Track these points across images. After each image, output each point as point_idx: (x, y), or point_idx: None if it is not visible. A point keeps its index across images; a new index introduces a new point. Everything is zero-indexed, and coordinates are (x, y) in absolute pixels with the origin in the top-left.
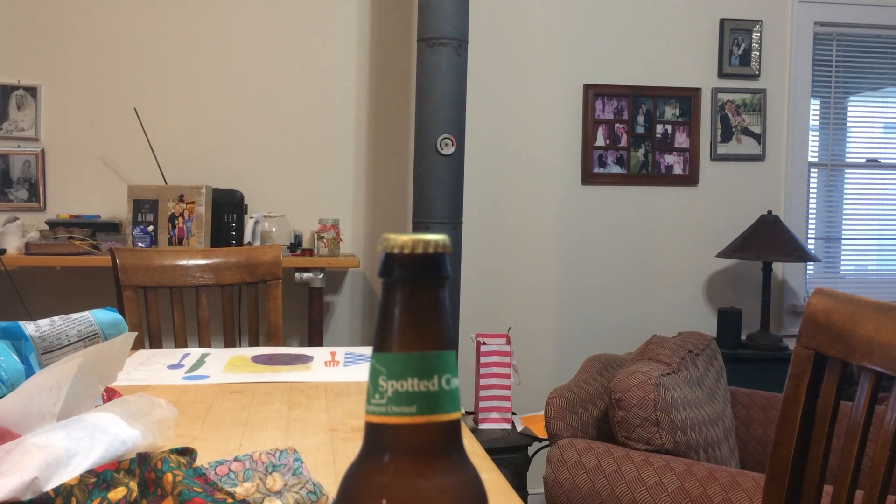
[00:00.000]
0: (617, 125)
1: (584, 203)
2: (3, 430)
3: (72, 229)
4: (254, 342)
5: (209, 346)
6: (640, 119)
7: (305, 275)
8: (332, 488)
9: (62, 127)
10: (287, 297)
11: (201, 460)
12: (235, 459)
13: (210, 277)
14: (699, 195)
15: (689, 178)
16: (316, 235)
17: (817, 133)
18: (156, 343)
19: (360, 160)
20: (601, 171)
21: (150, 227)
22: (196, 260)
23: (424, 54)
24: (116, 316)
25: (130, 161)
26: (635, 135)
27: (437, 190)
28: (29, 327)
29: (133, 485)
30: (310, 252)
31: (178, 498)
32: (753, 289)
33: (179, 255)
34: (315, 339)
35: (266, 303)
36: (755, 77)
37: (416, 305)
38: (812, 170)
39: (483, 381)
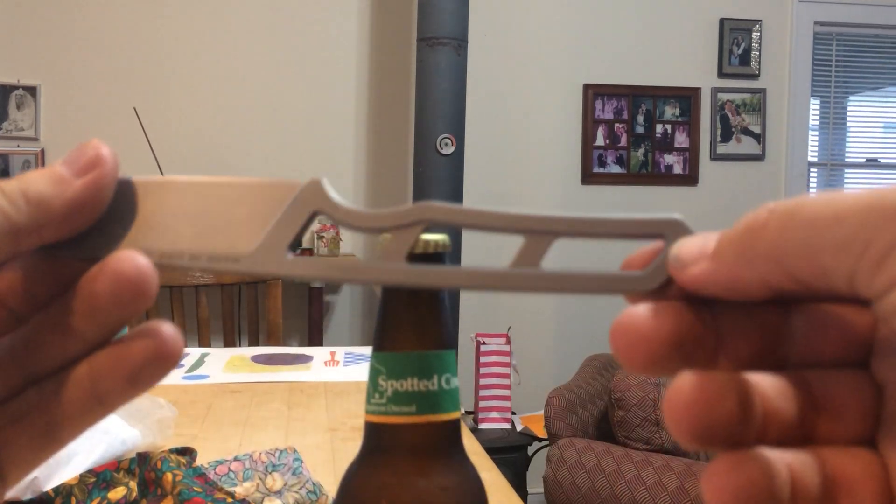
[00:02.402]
0: (617, 125)
1: (583, 202)
2: None
3: None
4: (253, 342)
5: (209, 345)
6: (640, 119)
7: None
8: (331, 488)
9: (62, 126)
10: (287, 297)
11: (201, 460)
12: (235, 459)
13: (209, 277)
14: (699, 195)
15: (689, 178)
16: (316, 235)
17: (817, 133)
18: None
19: (359, 159)
20: (601, 170)
21: None
22: None
23: (424, 54)
24: None
25: (130, 161)
26: (635, 134)
27: (437, 189)
28: None
29: (133, 484)
30: (309, 251)
31: (177, 497)
32: None
33: None
34: (315, 339)
35: (266, 302)
36: (755, 77)
37: (415, 305)
38: (812, 169)
39: (483, 381)
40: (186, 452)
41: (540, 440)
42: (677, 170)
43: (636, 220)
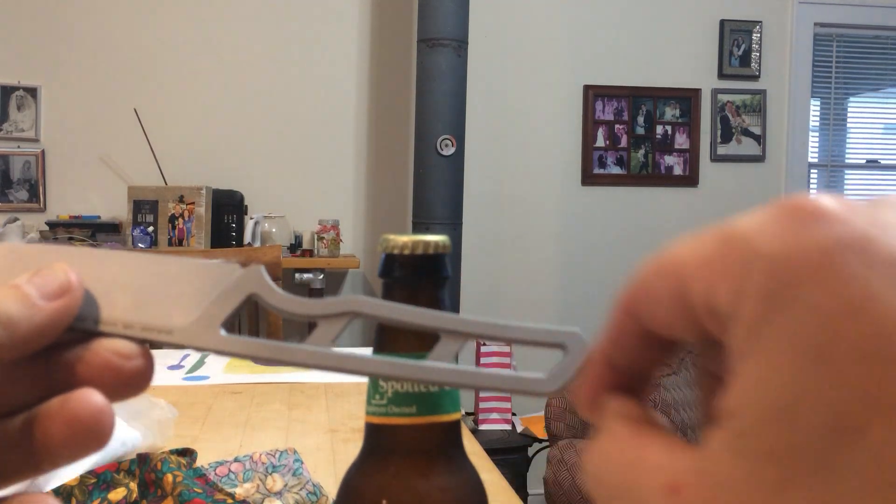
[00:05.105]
0: (617, 126)
1: (584, 204)
2: None
3: (72, 230)
4: None
5: None
6: (640, 120)
7: (305, 276)
8: (332, 489)
9: (62, 127)
10: None
11: (201, 461)
12: (235, 460)
13: None
14: (699, 196)
15: (690, 179)
16: (316, 236)
17: (817, 134)
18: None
19: (360, 161)
20: (601, 171)
21: (151, 228)
22: None
23: (424, 55)
24: None
25: (130, 161)
26: (635, 135)
27: (437, 190)
28: None
29: (133, 485)
30: (310, 253)
31: (178, 499)
32: None
33: None
34: None
35: None
36: (755, 78)
37: (415, 306)
38: (812, 171)
39: None
40: (187, 453)
41: (540, 441)
42: (678, 171)
43: (541, 330)
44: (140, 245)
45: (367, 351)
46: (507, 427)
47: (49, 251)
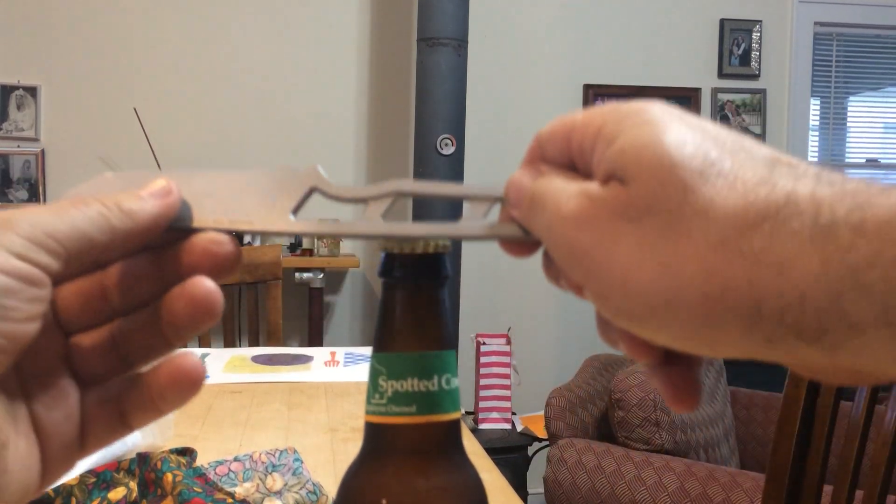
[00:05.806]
0: None
1: None
2: None
3: None
4: (254, 342)
5: (209, 346)
6: None
7: (305, 275)
8: (331, 488)
9: (62, 127)
10: (287, 298)
11: (201, 460)
12: (235, 459)
13: None
14: None
15: None
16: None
17: (817, 133)
18: None
19: (359, 160)
20: None
21: None
22: None
23: (424, 54)
24: None
25: (130, 161)
26: None
27: None
28: None
29: (133, 485)
30: (310, 252)
31: (177, 498)
32: None
33: None
34: (315, 340)
35: (266, 303)
36: (755, 77)
37: (415, 305)
38: None
39: (483, 381)
40: (186, 453)
41: (540, 440)
42: None
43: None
44: None
45: (366, 350)
46: (507, 426)
47: (149, 173)
